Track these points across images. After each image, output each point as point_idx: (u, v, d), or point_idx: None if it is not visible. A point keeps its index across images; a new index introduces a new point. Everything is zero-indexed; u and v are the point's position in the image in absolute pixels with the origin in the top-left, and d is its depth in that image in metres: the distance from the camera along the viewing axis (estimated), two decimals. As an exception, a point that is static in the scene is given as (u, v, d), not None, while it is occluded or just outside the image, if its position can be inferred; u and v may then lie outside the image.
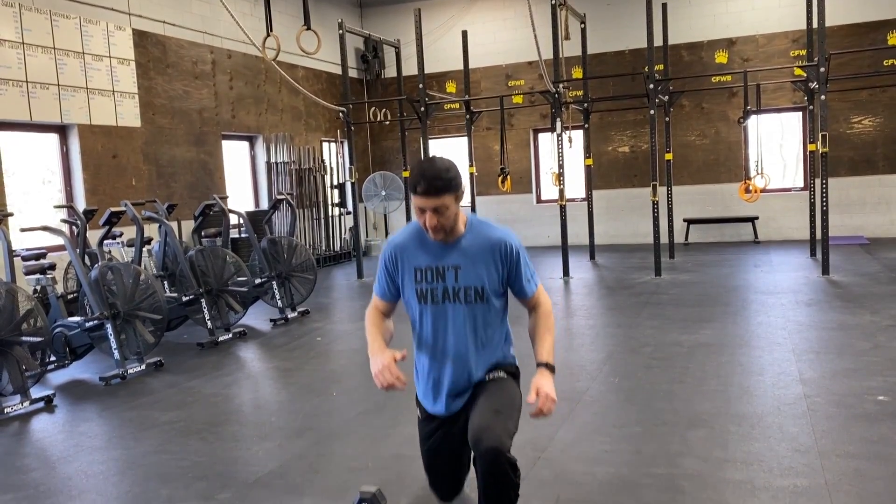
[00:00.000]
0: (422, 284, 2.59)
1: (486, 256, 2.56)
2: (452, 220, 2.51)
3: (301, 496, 3.21)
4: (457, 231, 2.56)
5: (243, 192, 11.30)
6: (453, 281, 2.56)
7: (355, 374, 5.41)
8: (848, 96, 11.19)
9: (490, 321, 2.61)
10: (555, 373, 2.54)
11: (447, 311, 2.58)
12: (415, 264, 2.60)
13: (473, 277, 2.55)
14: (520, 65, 12.93)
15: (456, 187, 2.47)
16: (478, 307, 2.57)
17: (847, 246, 10.47)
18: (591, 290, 8.58)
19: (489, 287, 2.56)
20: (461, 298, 2.56)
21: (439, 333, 2.61)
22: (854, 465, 3.20)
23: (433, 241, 2.57)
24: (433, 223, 2.47)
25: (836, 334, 5.63)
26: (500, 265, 2.57)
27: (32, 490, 3.47)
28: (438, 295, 2.58)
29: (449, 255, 2.57)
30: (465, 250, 2.56)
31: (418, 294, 2.60)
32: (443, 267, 2.57)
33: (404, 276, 2.63)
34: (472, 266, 2.56)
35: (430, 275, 2.58)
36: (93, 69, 8.33)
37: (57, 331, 5.59)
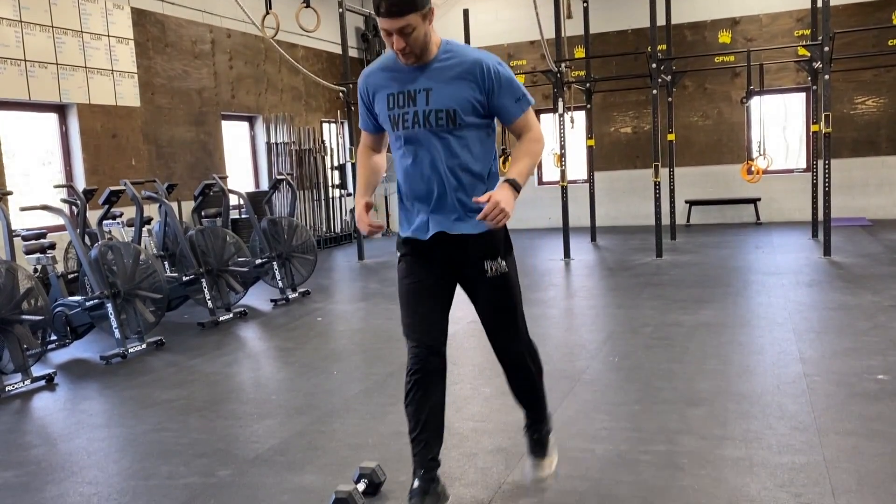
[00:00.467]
0: (394, 110, 2.48)
1: (460, 78, 2.42)
2: (422, 42, 2.37)
3: (301, 472, 3.22)
4: (429, 53, 2.43)
5: (243, 172, 11.28)
6: (424, 104, 2.43)
7: (356, 354, 5.42)
8: (852, 76, 11.12)
9: (469, 148, 2.48)
10: (518, 191, 2.40)
11: (420, 137, 2.47)
12: (387, 90, 2.49)
13: (445, 99, 2.42)
14: (522, 44, 12.84)
15: (421, 5, 2.31)
16: (452, 133, 2.45)
17: (849, 227, 10.45)
18: (591, 271, 8.58)
19: (462, 111, 2.42)
20: (432, 122, 2.43)
21: (416, 160, 2.50)
22: (853, 442, 3.20)
23: (405, 66, 2.45)
24: (400, 46, 2.34)
25: (837, 314, 5.63)
26: (477, 88, 2.42)
27: (34, 466, 3.48)
28: (409, 120, 2.46)
29: (421, 77, 2.44)
30: (438, 72, 2.43)
31: (392, 120, 2.50)
32: (413, 90, 2.44)
33: (379, 104, 2.53)
34: (444, 88, 2.42)
35: (401, 99, 2.46)
36: (91, 48, 8.28)
37: (58, 310, 5.59)
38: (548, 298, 6.90)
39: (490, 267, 2.55)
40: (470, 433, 3.51)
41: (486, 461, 3.21)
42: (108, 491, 3.16)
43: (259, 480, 3.16)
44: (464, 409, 3.90)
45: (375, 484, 2.92)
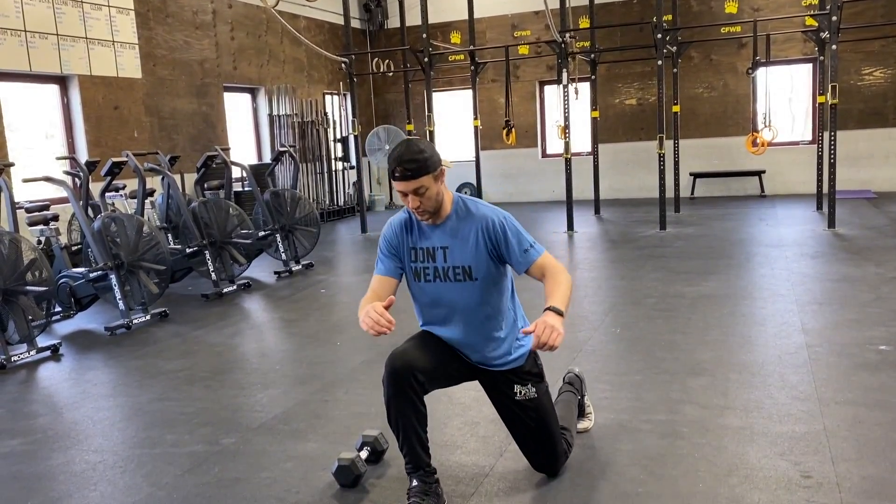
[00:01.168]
0: (416, 264, 2.64)
1: (471, 235, 2.57)
2: (435, 201, 2.52)
3: (304, 440, 3.25)
4: (444, 211, 2.58)
5: (245, 145, 11.24)
6: (443, 261, 2.60)
7: (358, 325, 5.42)
8: (859, 47, 10.99)
9: (487, 298, 2.61)
10: (563, 317, 2.41)
11: (440, 290, 2.62)
12: (410, 244, 2.65)
13: (460, 257, 2.57)
14: (526, 14, 12.70)
15: (432, 167, 2.47)
16: (469, 285, 2.58)
17: (854, 200, 10.40)
18: (595, 243, 8.57)
19: (476, 267, 2.56)
20: (451, 278, 2.59)
21: (437, 310, 2.66)
22: (853, 412, 3.22)
23: (424, 223, 2.62)
24: (416, 205, 2.50)
25: (840, 286, 5.62)
26: (486, 243, 2.56)
27: (41, 434, 3.52)
28: (430, 274, 2.62)
29: (437, 235, 2.61)
30: (452, 230, 2.59)
31: (414, 273, 2.65)
32: (433, 248, 2.61)
33: (404, 255, 2.67)
34: (458, 246, 2.58)
35: (422, 255, 2.62)
36: (92, 18, 8.21)
37: (62, 281, 5.62)
38: (551, 270, 6.90)
39: (519, 391, 2.67)
40: (471, 402, 3.53)
41: (487, 430, 3.23)
42: (114, 459, 3.20)
43: (263, 448, 3.19)
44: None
45: (378, 452, 2.95)
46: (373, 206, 13.28)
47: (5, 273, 4.77)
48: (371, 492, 2.74)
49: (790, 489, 2.57)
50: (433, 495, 2.52)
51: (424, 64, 9.81)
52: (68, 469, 3.12)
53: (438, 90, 12.65)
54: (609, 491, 2.64)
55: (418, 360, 2.52)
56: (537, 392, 2.67)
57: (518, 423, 2.69)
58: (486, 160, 12.08)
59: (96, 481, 2.98)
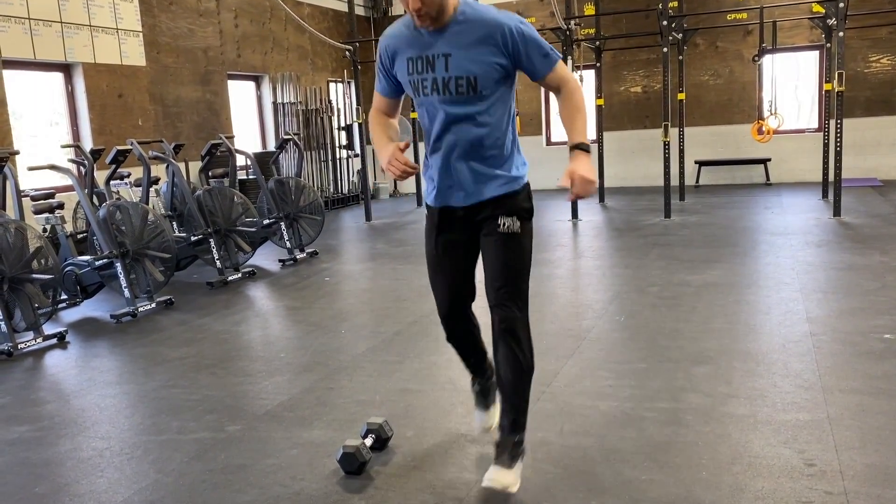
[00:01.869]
0: (413, 76, 2.41)
1: (480, 42, 2.33)
2: (438, 3, 2.28)
3: (310, 428, 3.27)
4: (445, 16, 2.33)
5: (250, 132, 11.23)
6: (443, 70, 2.35)
7: (363, 313, 5.45)
8: (867, 34, 10.91)
9: (490, 121, 2.42)
10: (590, 153, 2.34)
11: (439, 104, 2.40)
12: (407, 54, 2.42)
13: (465, 66, 2.33)
14: (531, 1, 12.63)
15: None
16: (472, 100, 2.37)
17: (860, 188, 10.36)
18: (599, 231, 8.56)
19: (483, 77, 2.34)
20: (451, 90, 2.36)
21: (435, 126, 2.45)
22: (857, 400, 3.22)
23: (424, 29, 2.37)
24: (416, 6, 2.25)
25: (845, 274, 5.61)
26: (499, 52, 2.33)
27: (48, 421, 3.54)
28: (428, 86, 2.39)
29: (439, 41, 2.35)
30: (457, 36, 2.34)
31: (412, 86, 2.43)
32: (432, 55, 2.36)
33: (399, 69, 2.46)
34: (463, 53, 2.33)
35: (420, 64, 2.38)
36: (95, 6, 8.19)
37: (67, 269, 5.64)
38: (555, 259, 6.90)
39: (503, 223, 2.49)
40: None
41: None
42: (120, 445, 3.22)
43: (268, 435, 3.21)
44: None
45: (382, 439, 2.96)
46: (377, 194, 13.27)
47: (11, 261, 4.79)
48: (375, 479, 2.75)
49: (794, 477, 2.58)
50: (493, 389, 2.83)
51: (429, 51, 9.77)
52: (75, 456, 3.14)
53: (443, 78, 12.60)
54: (613, 479, 2.65)
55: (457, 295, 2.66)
56: (521, 228, 2.49)
57: (493, 252, 2.50)
58: (490, 148, 12.04)
59: (103, 468, 3.00)
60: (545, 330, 4.44)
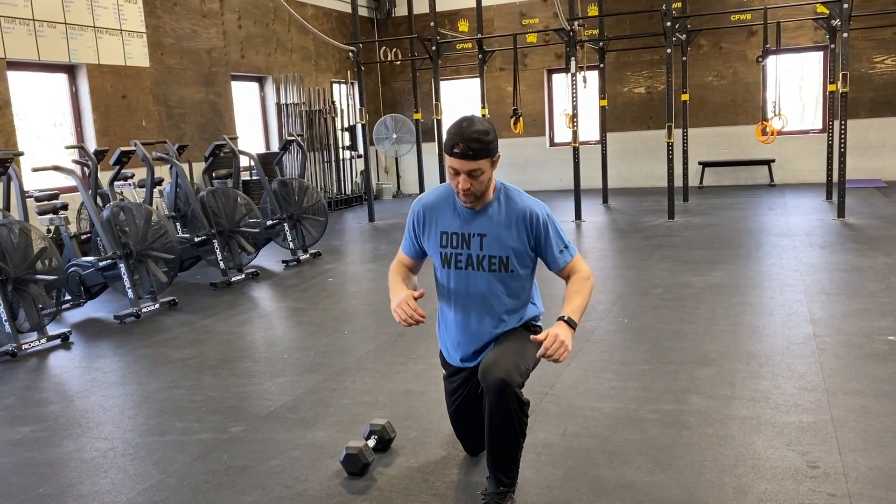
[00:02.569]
0: (447, 249, 2.53)
1: (512, 226, 2.47)
2: (485, 186, 2.43)
3: (312, 429, 3.27)
4: (486, 198, 2.48)
5: (253, 133, 11.24)
6: (478, 249, 2.49)
7: (366, 314, 5.45)
8: (871, 34, 10.89)
9: (513, 292, 2.54)
10: (574, 330, 2.37)
11: (469, 278, 2.52)
12: (441, 228, 2.54)
13: (498, 247, 2.47)
14: (534, 2, 12.63)
15: (493, 152, 2.39)
16: (501, 276, 2.50)
17: (864, 189, 10.34)
18: (603, 232, 8.55)
19: (514, 257, 2.48)
20: (485, 267, 2.49)
21: (461, 298, 2.55)
22: (860, 402, 3.21)
23: (462, 206, 2.50)
24: (465, 187, 2.38)
25: (849, 276, 5.60)
26: (526, 235, 2.48)
27: (52, 422, 3.55)
28: (462, 261, 2.51)
29: (476, 221, 2.49)
30: (493, 218, 2.48)
31: (442, 258, 2.55)
32: (469, 234, 2.49)
33: (430, 238, 2.57)
34: (497, 235, 2.48)
35: (455, 240, 2.51)
36: (99, 7, 8.20)
37: (71, 270, 5.65)
38: (558, 260, 6.90)
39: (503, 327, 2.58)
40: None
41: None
42: (124, 446, 3.22)
43: (271, 436, 3.21)
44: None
45: (385, 440, 2.96)
46: (380, 194, 13.28)
47: (16, 262, 4.80)
48: (378, 480, 2.75)
49: (797, 479, 2.57)
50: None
51: (432, 52, 9.79)
52: (79, 456, 3.15)
53: (446, 79, 12.61)
54: (615, 480, 2.65)
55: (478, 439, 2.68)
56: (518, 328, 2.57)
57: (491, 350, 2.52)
58: (493, 149, 12.04)
59: (107, 468, 3.01)
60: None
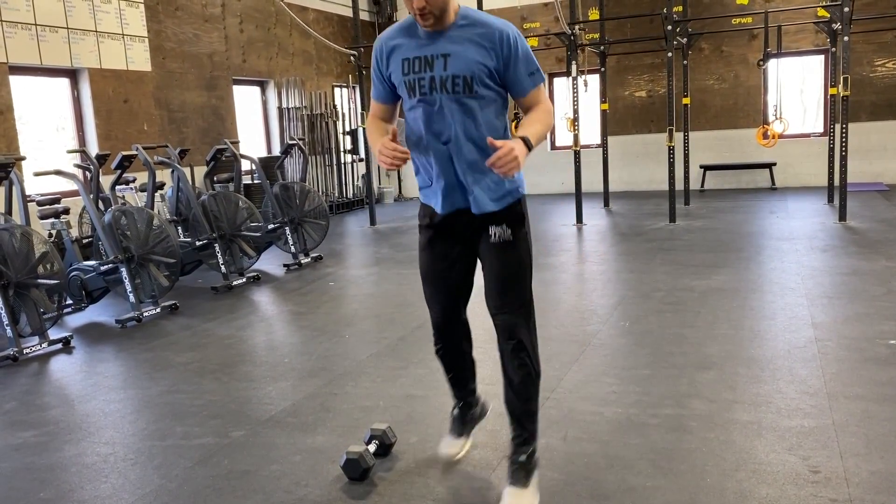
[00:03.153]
0: (409, 76, 2.43)
1: (477, 44, 2.37)
2: (442, 3, 2.32)
3: (313, 433, 3.27)
4: (447, 18, 2.38)
5: (255, 137, 11.26)
6: (441, 69, 2.38)
7: (367, 318, 5.45)
8: (872, 38, 10.89)
9: (485, 118, 2.43)
10: (529, 151, 2.32)
11: (436, 103, 2.42)
12: (403, 55, 2.44)
13: (462, 66, 2.37)
14: (535, 6, 12.65)
15: None
16: (468, 100, 2.39)
17: (865, 192, 10.33)
18: (604, 236, 8.55)
19: (478, 77, 2.37)
20: (448, 88, 2.38)
21: (431, 127, 2.45)
22: (862, 406, 3.21)
23: (423, 31, 2.41)
24: (420, 5, 2.30)
25: (850, 279, 5.59)
26: (494, 55, 2.37)
27: (53, 427, 3.55)
28: (426, 85, 2.41)
29: (439, 42, 2.40)
30: (456, 37, 2.39)
31: (407, 86, 2.45)
32: (431, 55, 2.40)
33: (394, 71, 2.48)
34: (461, 53, 2.37)
35: (417, 64, 2.41)
36: (101, 12, 8.23)
37: (73, 274, 5.65)
38: (559, 263, 6.90)
39: (494, 233, 2.49)
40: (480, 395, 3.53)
41: (495, 423, 3.23)
42: (125, 451, 3.22)
43: (271, 441, 3.21)
44: (474, 373, 3.93)
45: (386, 445, 2.96)
46: (381, 198, 13.29)
47: (17, 266, 4.81)
48: (379, 485, 2.75)
49: (798, 484, 2.57)
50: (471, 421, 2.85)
51: (433, 56, 9.78)
52: (80, 461, 3.15)
53: (447, 82, 12.62)
54: (616, 485, 2.64)
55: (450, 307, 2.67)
56: (513, 235, 2.49)
57: (490, 265, 2.52)
58: (495, 152, 12.06)
59: (107, 473, 3.01)
60: (549, 335, 4.43)
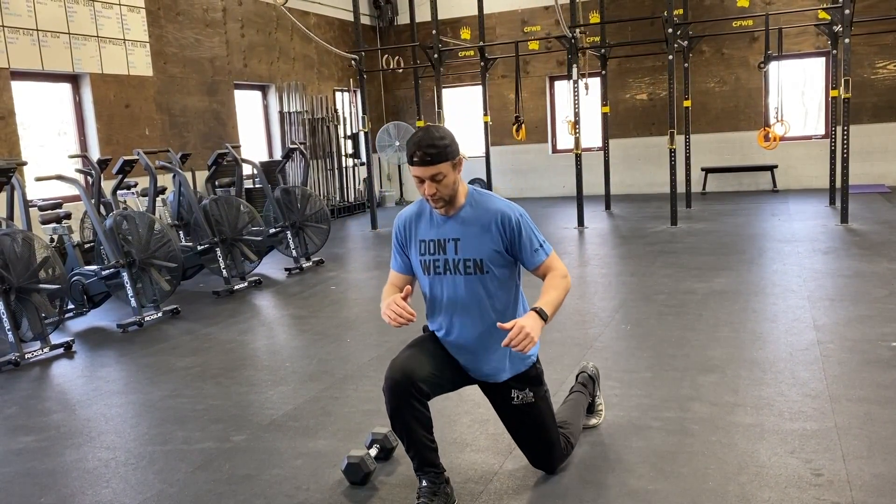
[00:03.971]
0: (425, 256, 2.61)
1: (484, 228, 2.55)
2: (451, 189, 2.50)
3: (314, 438, 3.26)
4: (457, 202, 2.56)
5: (256, 142, 11.27)
6: (453, 253, 2.56)
7: (369, 322, 5.45)
8: (873, 40, 10.88)
9: (496, 292, 2.58)
10: (545, 322, 2.43)
11: (449, 283, 2.59)
12: (420, 237, 2.62)
13: (472, 249, 2.55)
14: (536, 10, 12.67)
15: (452, 155, 2.47)
16: (479, 278, 2.56)
17: (867, 194, 10.32)
18: (605, 239, 8.54)
19: (488, 259, 2.54)
20: (461, 270, 2.56)
21: (446, 302, 2.61)
22: (865, 409, 3.20)
23: (437, 214, 2.59)
24: (431, 192, 2.48)
25: (852, 282, 5.58)
26: (500, 237, 2.54)
27: (54, 431, 3.55)
28: (440, 266, 2.59)
29: (449, 226, 2.58)
30: (465, 222, 2.56)
31: (423, 266, 2.62)
32: (443, 239, 2.58)
33: (412, 249, 2.65)
34: (471, 238, 2.55)
35: (432, 247, 2.60)
36: (103, 17, 8.25)
37: (74, 279, 5.66)
38: (561, 267, 6.88)
39: (516, 395, 2.64)
40: (481, 399, 3.50)
41: (496, 427, 3.22)
42: (126, 456, 3.22)
43: (273, 445, 3.21)
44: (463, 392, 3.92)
45: (387, 449, 2.96)
46: (383, 202, 13.29)
47: (19, 271, 4.81)
48: (380, 489, 2.74)
49: (801, 487, 2.56)
50: (442, 495, 2.49)
51: (434, 60, 9.80)
52: (81, 466, 3.15)
53: (448, 86, 12.65)
54: (618, 488, 2.64)
55: (418, 370, 2.47)
56: (535, 396, 2.65)
57: (515, 424, 2.70)
58: (496, 156, 12.06)
59: (108, 478, 3.01)
60: (551, 339, 4.42)
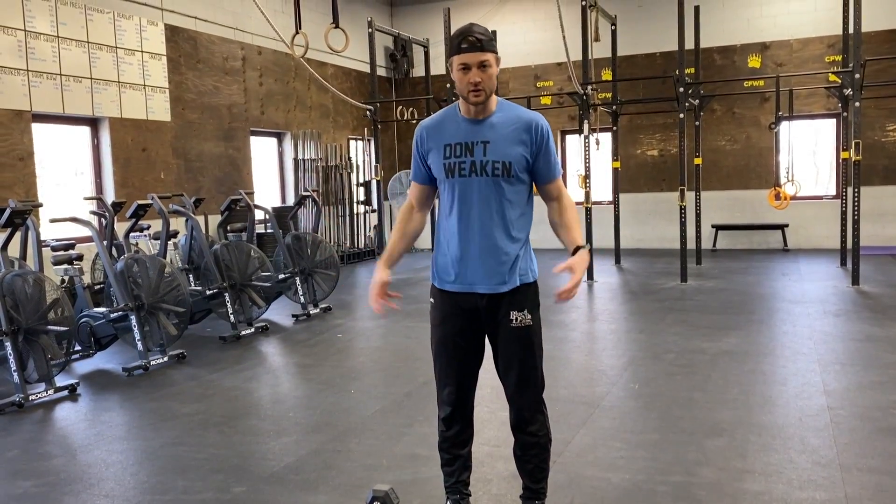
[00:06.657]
0: (450, 159, 2.60)
1: (515, 134, 2.57)
2: (493, 83, 2.53)
3: (315, 492, 3.22)
4: (489, 107, 2.59)
5: (270, 187, 11.39)
6: (482, 155, 2.56)
7: (374, 372, 5.42)
8: (883, 103, 10.97)
9: (515, 200, 2.61)
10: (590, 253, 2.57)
11: (473, 184, 2.58)
12: (445, 141, 2.62)
13: (502, 153, 2.56)
14: (549, 66, 12.87)
15: (496, 49, 2.54)
16: (503, 182, 2.57)
17: (878, 256, 10.27)
18: (614, 294, 8.51)
19: (516, 164, 2.56)
20: (488, 171, 2.56)
21: (464, 206, 2.59)
22: (876, 479, 3.13)
23: (463, 119, 2.60)
24: (477, 80, 2.48)
25: (864, 346, 5.52)
26: (529, 144, 2.57)
27: (53, 477, 3.52)
28: (466, 168, 2.58)
29: (479, 130, 2.58)
30: (496, 126, 2.58)
31: (446, 168, 2.60)
32: (472, 142, 2.58)
33: (434, 154, 2.63)
34: (501, 142, 2.56)
35: (458, 149, 2.59)
36: (125, 63, 8.44)
37: (82, 321, 5.67)
38: (569, 321, 6.85)
39: (515, 318, 2.62)
40: (485, 458, 3.49)
41: (500, 487, 3.18)
42: (124, 504, 3.18)
43: (273, 498, 3.17)
44: (480, 433, 3.85)
45: (388, 507, 2.91)
46: (393, 250, 13.31)
47: (28, 312, 4.83)
48: (380, 548, 2.69)
49: (810, 561, 2.49)
50: None
51: (448, 112, 9.92)
52: (78, 514, 3.11)
53: (461, 137, 12.77)
54: (622, 556, 2.58)
55: (462, 386, 2.71)
56: (532, 320, 2.63)
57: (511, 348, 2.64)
58: (506, 207, 12.12)
59: (105, 528, 2.96)
60: (558, 396, 4.38)
